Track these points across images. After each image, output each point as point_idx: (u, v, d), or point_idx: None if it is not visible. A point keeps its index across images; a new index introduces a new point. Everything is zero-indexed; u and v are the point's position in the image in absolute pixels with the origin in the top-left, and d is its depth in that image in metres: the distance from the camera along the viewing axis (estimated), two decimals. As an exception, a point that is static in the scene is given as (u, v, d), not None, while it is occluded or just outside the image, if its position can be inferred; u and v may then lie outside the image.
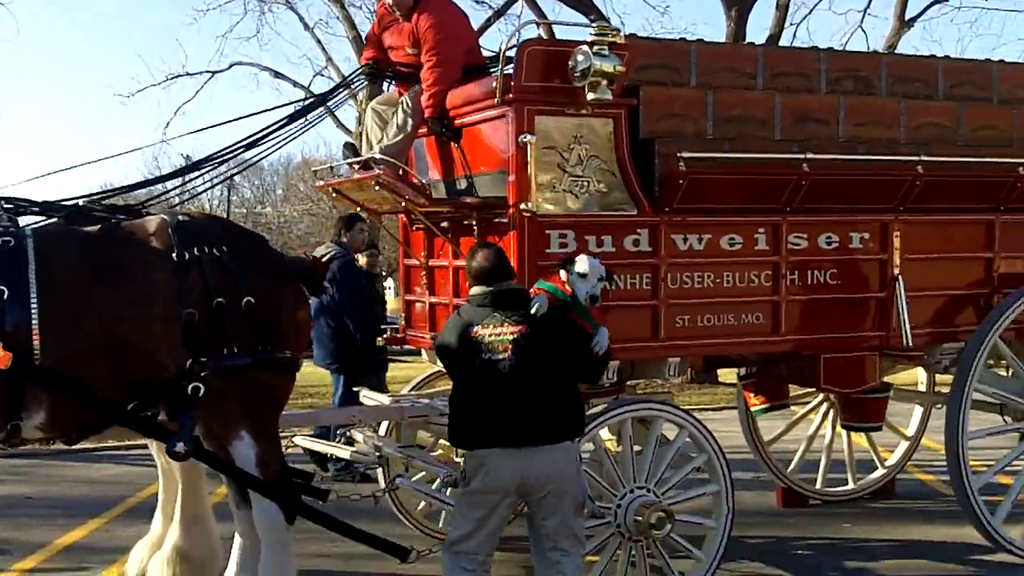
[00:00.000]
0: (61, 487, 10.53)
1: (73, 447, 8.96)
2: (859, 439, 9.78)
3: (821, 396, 9.54)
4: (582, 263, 6.05)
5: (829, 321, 7.41)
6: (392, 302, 20.75)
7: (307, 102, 7.67)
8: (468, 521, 5.57)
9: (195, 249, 5.76)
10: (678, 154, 6.73)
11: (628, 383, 7.48)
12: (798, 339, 7.36)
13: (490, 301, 5.54)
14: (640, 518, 6.38)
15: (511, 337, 5.41)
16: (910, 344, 7.54)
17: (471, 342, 5.46)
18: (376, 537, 6.56)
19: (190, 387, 5.69)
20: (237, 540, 6.48)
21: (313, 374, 19.31)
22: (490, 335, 5.44)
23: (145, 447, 8.76)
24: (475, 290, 5.65)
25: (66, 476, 10.96)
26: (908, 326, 7.49)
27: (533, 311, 5.53)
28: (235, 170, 8.30)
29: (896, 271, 7.53)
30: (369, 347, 8.71)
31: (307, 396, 16.19)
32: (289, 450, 7.16)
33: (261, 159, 8.12)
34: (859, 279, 7.52)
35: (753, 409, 9.31)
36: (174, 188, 7.51)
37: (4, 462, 11.18)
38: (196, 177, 7.19)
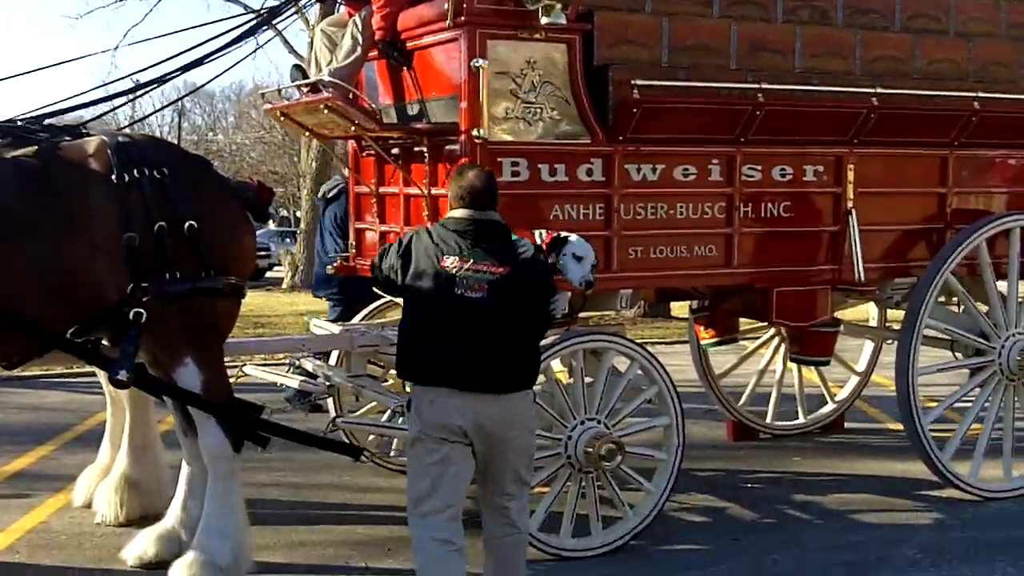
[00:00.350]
0: (6, 414, 10.40)
1: (20, 374, 8.86)
2: (810, 374, 9.81)
3: (772, 330, 9.53)
4: (579, 246, 5.79)
5: (782, 254, 7.39)
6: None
7: (255, 20, 7.46)
8: (425, 473, 5.05)
9: (135, 171, 5.63)
10: (632, 82, 6.64)
11: (580, 315, 7.44)
12: (751, 272, 7.33)
13: (473, 230, 5.01)
14: (591, 449, 6.34)
15: (491, 277, 4.88)
16: (862, 279, 7.53)
17: (441, 272, 4.93)
18: (328, 440, 6.69)
19: (132, 313, 5.60)
20: (184, 468, 6.43)
21: (265, 304, 19.33)
22: (467, 269, 4.90)
23: (93, 374, 8.65)
24: (458, 213, 5.08)
25: (11, 403, 10.83)
26: (860, 261, 7.47)
27: (521, 252, 5.06)
28: (184, 93, 8.16)
29: (849, 205, 7.50)
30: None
31: (259, 326, 16.14)
32: (240, 380, 7.10)
33: (209, 81, 7.97)
34: (812, 212, 7.49)
35: (704, 343, 9.30)
36: (120, 104, 7.34)
37: (-52, 389, 11.06)
38: (142, 94, 7.01)
